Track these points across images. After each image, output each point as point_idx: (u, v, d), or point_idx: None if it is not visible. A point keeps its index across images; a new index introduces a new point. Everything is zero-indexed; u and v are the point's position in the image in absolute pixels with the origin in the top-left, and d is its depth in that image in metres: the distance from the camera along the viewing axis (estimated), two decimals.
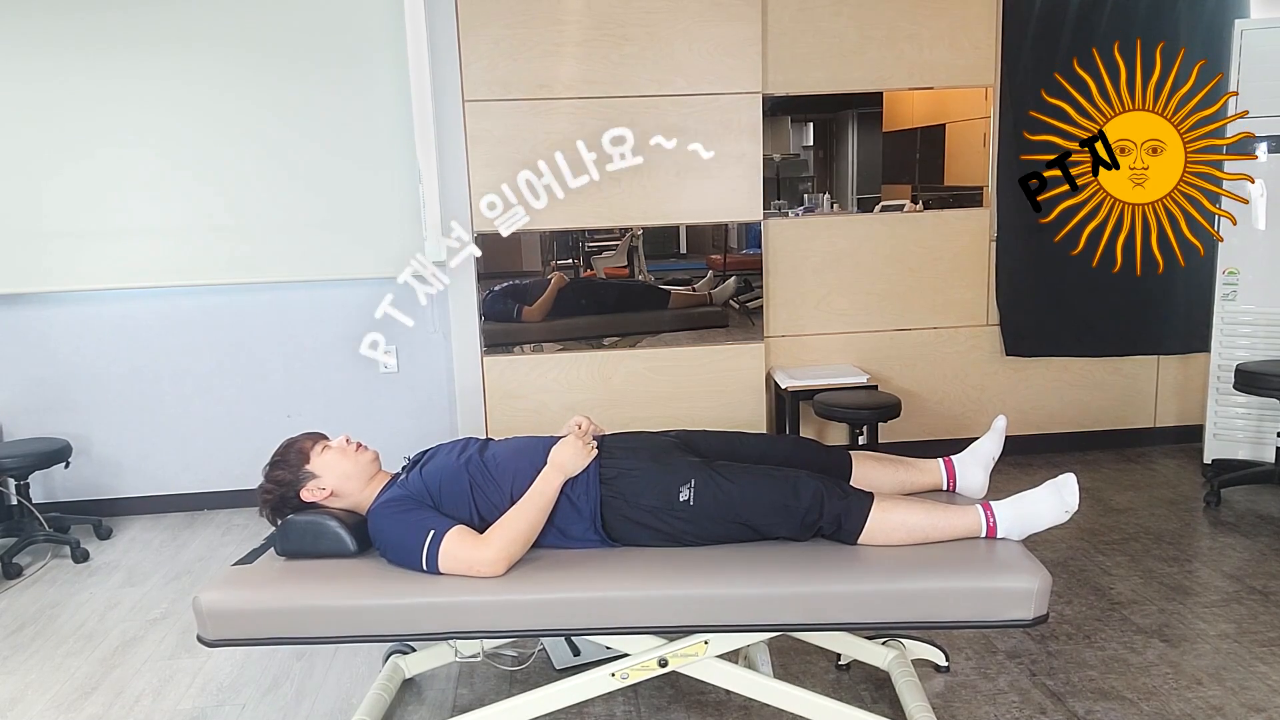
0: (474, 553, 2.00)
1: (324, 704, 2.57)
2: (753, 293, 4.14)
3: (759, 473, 2.11)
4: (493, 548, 2.01)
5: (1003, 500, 2.11)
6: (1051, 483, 2.09)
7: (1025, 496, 2.09)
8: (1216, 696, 2.42)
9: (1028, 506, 2.08)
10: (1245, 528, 3.51)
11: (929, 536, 2.06)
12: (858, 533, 2.05)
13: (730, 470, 2.11)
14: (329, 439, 2.30)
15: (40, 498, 4.06)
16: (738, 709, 2.43)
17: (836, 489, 2.07)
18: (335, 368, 4.11)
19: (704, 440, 2.32)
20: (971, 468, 2.38)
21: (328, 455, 2.23)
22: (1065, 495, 2.06)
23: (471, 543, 2.02)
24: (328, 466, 2.21)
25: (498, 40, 3.77)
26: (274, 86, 3.87)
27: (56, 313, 4.00)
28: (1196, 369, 4.38)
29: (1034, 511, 2.07)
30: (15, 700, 2.65)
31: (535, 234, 3.94)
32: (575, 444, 2.13)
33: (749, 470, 2.12)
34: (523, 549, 2.05)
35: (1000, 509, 2.09)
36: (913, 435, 4.33)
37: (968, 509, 2.10)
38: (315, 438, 2.29)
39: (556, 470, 2.10)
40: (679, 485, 2.09)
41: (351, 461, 2.23)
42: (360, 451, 2.26)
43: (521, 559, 2.07)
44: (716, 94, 3.90)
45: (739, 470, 2.11)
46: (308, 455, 2.22)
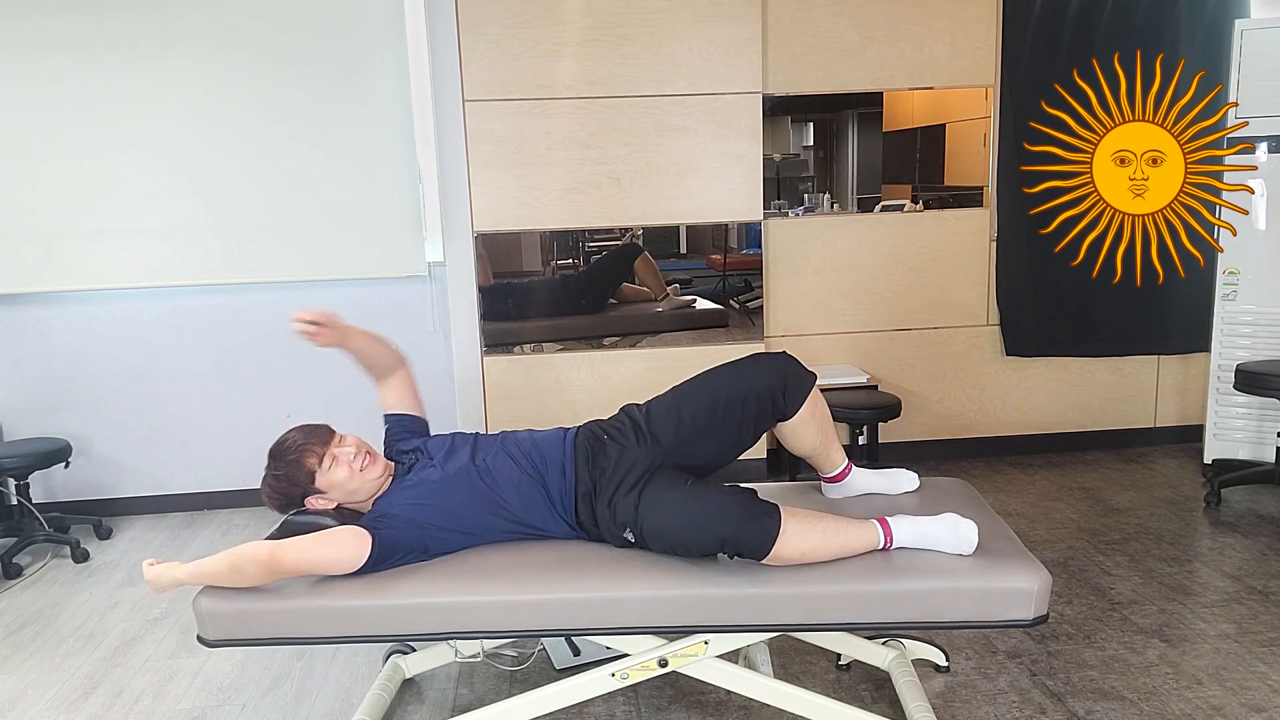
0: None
1: (324, 704, 2.57)
2: (753, 293, 4.14)
3: (684, 504, 2.04)
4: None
5: (900, 518, 2.08)
6: (951, 518, 2.05)
7: (921, 521, 2.07)
8: (1216, 696, 2.42)
9: (924, 528, 2.06)
10: (1245, 528, 3.51)
11: (831, 555, 2.03)
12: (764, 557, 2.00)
13: (656, 508, 2.06)
14: (334, 442, 2.19)
15: (40, 498, 4.06)
16: (738, 709, 2.43)
17: (747, 523, 1.98)
18: (335, 368, 4.11)
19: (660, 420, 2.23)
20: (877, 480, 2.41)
21: (335, 473, 2.15)
22: (961, 534, 2.03)
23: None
24: (335, 485, 2.16)
25: (498, 40, 3.77)
26: (274, 87, 3.87)
27: (56, 313, 4.01)
28: (1196, 369, 4.38)
29: (931, 534, 2.05)
30: (15, 700, 2.65)
31: (535, 234, 3.94)
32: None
33: (675, 502, 2.05)
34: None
35: (898, 529, 2.07)
36: (913, 435, 4.33)
37: (866, 525, 2.06)
38: (321, 444, 2.17)
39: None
40: (623, 531, 2.11)
41: (359, 481, 2.17)
42: (368, 468, 2.18)
43: (521, 559, 2.07)
44: (716, 94, 3.90)
45: (663, 507, 2.05)
46: (314, 475, 2.15)
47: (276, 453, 2.19)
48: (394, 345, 2.45)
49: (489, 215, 3.88)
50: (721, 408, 2.19)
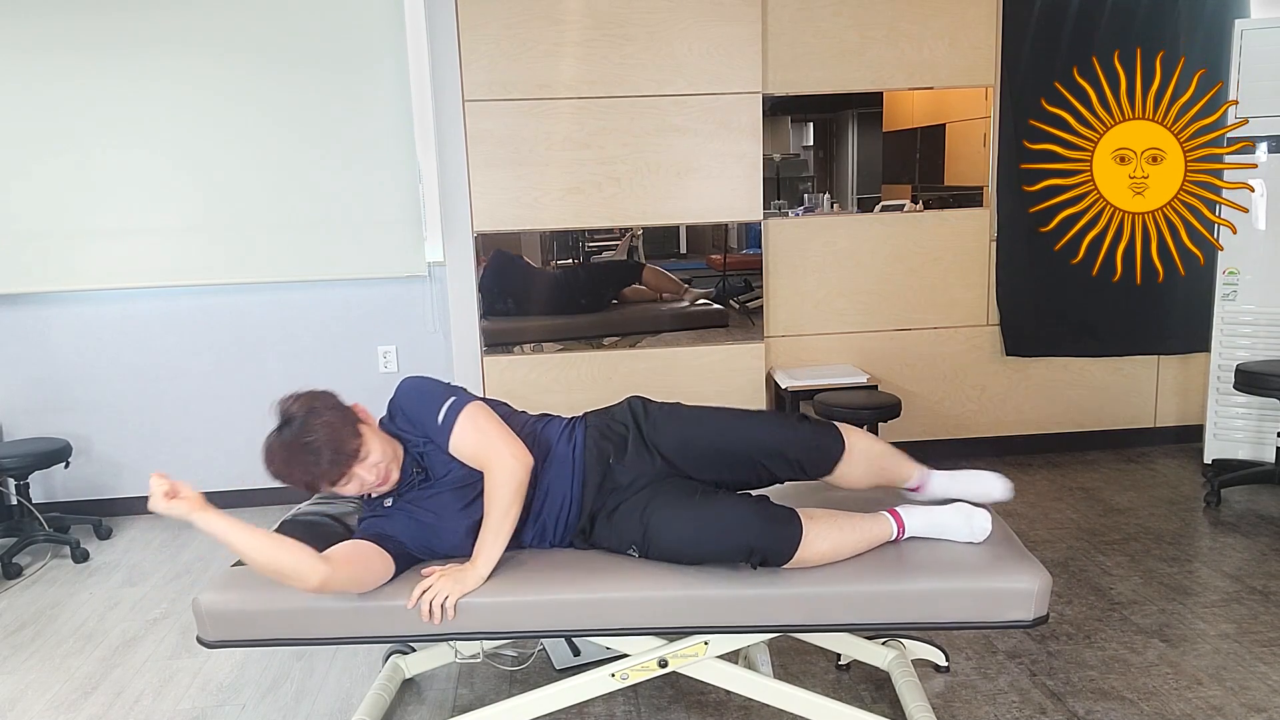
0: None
1: (324, 704, 2.57)
2: (753, 293, 4.14)
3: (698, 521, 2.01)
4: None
5: (911, 508, 2.12)
6: (964, 507, 2.10)
7: (933, 510, 2.11)
8: (1216, 696, 2.42)
9: (936, 518, 2.10)
10: (1245, 528, 3.51)
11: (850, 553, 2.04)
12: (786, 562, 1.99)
13: (666, 527, 2.01)
14: (357, 460, 2.02)
15: (40, 498, 4.06)
16: (738, 709, 2.43)
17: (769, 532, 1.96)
18: (335, 368, 4.12)
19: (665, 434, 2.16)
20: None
21: (347, 488, 2.06)
22: (975, 523, 2.08)
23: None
24: (343, 491, 2.08)
25: (498, 40, 3.77)
26: (274, 87, 3.87)
27: (56, 313, 4.01)
28: (1196, 369, 4.38)
29: (942, 523, 2.09)
30: (15, 700, 2.65)
31: (535, 234, 3.94)
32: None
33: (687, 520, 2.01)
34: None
35: (910, 519, 2.09)
36: (913, 435, 4.33)
37: (879, 519, 2.08)
38: (345, 465, 2.01)
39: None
40: (626, 548, 2.08)
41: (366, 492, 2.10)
42: (380, 486, 2.08)
43: (520, 560, 2.07)
44: (716, 94, 3.90)
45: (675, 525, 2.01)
46: (323, 487, 2.06)
47: (297, 445, 1.99)
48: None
49: (489, 215, 3.88)
50: (732, 459, 2.14)
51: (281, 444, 2.02)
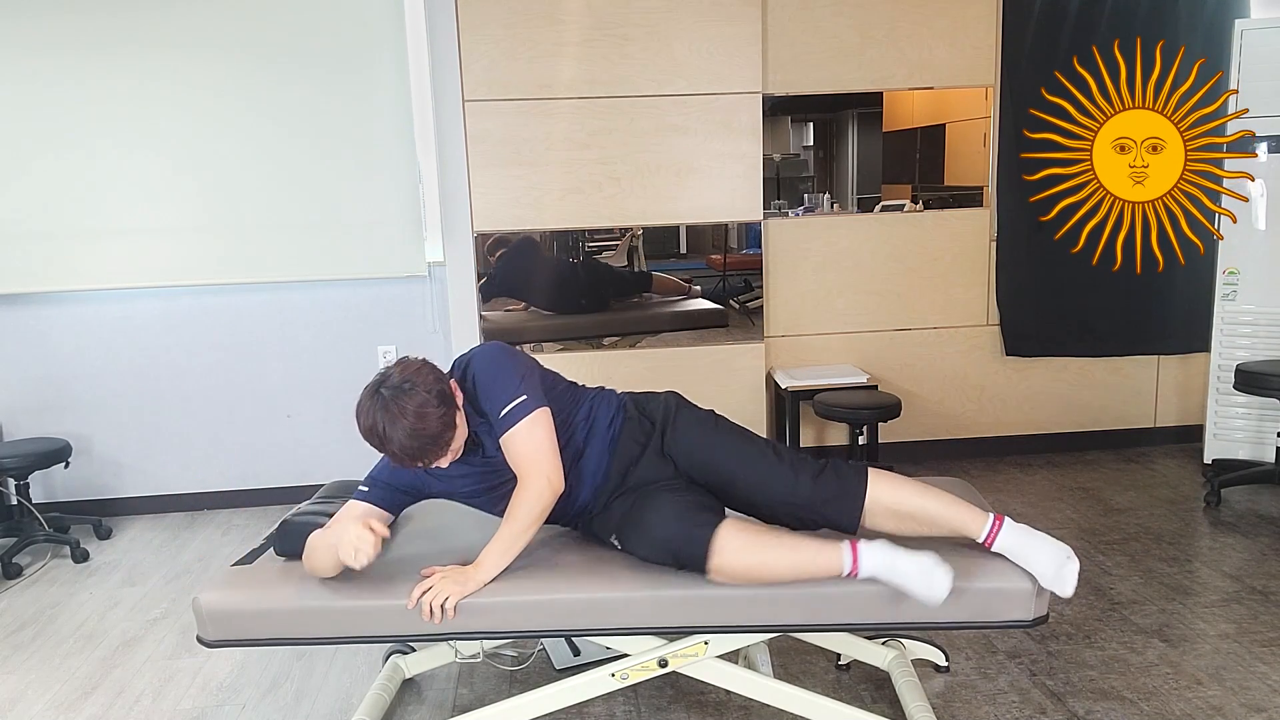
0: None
1: (324, 704, 2.57)
2: (753, 293, 4.14)
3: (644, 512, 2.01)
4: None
5: (876, 545, 1.92)
6: (929, 560, 1.88)
7: (898, 554, 1.90)
8: (1216, 696, 2.42)
9: (898, 563, 1.90)
10: (1245, 528, 3.51)
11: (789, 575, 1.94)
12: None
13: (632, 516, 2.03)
14: (449, 444, 2.00)
15: (40, 498, 4.06)
16: (738, 709, 2.43)
17: (682, 532, 1.95)
18: (335, 368, 4.12)
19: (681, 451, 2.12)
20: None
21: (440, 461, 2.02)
22: (935, 581, 1.87)
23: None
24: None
25: (498, 40, 3.77)
26: (274, 87, 3.87)
27: (56, 313, 4.01)
28: (1196, 369, 4.38)
29: (903, 570, 1.89)
30: (15, 700, 2.65)
31: (535, 234, 3.94)
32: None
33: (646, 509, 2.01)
34: None
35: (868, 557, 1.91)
36: (913, 435, 4.33)
37: (829, 548, 1.93)
38: (438, 454, 1.98)
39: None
40: (609, 536, 2.10)
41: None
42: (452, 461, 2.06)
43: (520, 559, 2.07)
44: (716, 94, 3.90)
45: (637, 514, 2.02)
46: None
47: (413, 431, 1.92)
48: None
49: (489, 215, 3.88)
50: (745, 505, 2.09)
51: (388, 417, 1.93)
